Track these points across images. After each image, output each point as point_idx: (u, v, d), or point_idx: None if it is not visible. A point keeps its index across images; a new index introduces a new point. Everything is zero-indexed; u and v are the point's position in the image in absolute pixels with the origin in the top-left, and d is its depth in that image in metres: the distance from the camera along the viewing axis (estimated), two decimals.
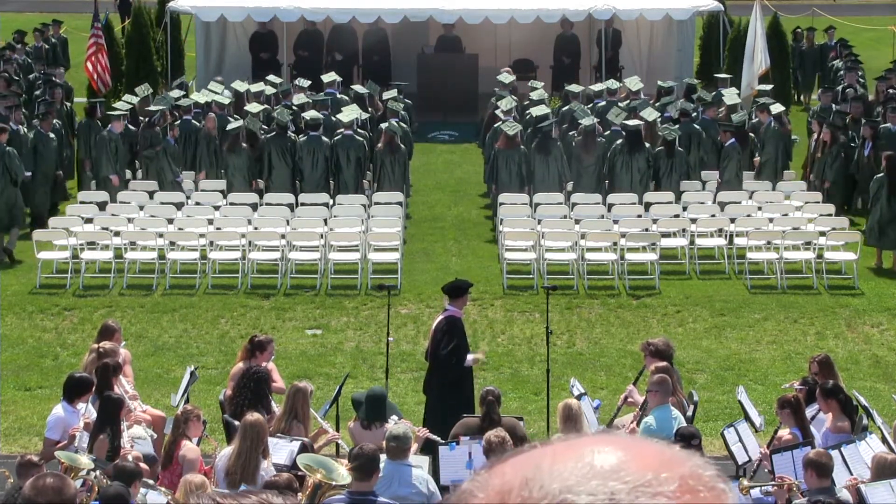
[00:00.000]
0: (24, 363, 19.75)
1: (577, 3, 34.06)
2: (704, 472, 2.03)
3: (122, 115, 26.65)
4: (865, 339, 20.97)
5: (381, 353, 18.82)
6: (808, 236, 23.84)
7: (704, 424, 16.80)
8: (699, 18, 35.87)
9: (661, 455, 2.04)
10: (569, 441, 2.06)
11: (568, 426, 14.38)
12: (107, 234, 23.51)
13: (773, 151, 26.78)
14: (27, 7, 50.02)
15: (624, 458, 2.01)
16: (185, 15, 35.30)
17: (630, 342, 20.63)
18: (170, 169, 25.88)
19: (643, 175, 25.65)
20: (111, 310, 21.75)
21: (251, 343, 16.04)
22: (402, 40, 36.03)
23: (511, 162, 25.73)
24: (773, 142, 26.85)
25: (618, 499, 1.95)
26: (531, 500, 1.97)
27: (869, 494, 12.20)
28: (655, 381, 14.61)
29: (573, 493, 1.96)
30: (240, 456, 12.92)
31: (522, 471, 2.02)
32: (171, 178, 25.85)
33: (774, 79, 31.93)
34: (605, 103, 28.56)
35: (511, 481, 2.01)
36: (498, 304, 22.25)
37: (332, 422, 15.72)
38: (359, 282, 23.16)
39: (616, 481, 1.97)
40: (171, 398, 16.39)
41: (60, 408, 14.50)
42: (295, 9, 33.96)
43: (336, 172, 25.90)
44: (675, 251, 24.25)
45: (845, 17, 46.57)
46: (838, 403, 14.53)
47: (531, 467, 2.02)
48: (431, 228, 26.54)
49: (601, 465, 1.99)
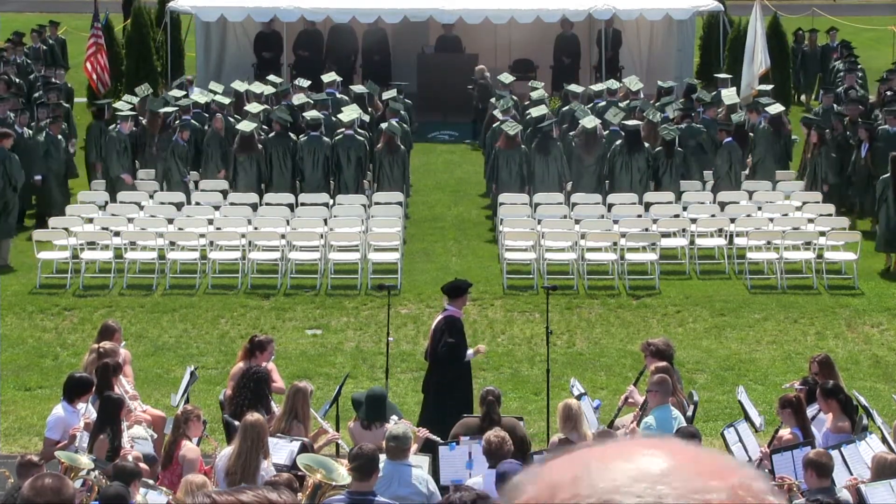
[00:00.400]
0: (24, 363, 19.75)
1: (577, 3, 34.05)
2: (756, 483, 2.03)
3: (129, 116, 26.62)
4: (865, 339, 20.97)
5: (381, 353, 18.82)
6: (808, 236, 23.85)
7: (704, 424, 16.80)
8: (699, 18, 35.87)
9: (714, 463, 2.04)
10: (621, 442, 2.09)
11: (568, 426, 14.38)
12: (107, 234, 23.51)
13: (764, 152, 26.75)
14: (27, 7, 50.02)
15: (675, 463, 2.02)
16: (185, 15, 35.30)
17: (630, 342, 20.63)
18: (177, 169, 25.89)
19: (643, 175, 25.66)
20: (111, 310, 21.75)
21: (251, 343, 16.04)
22: (402, 40, 36.03)
23: (511, 162, 25.73)
24: (764, 142, 26.82)
25: (664, 503, 1.96)
26: (578, 497, 1.99)
27: (869, 494, 12.20)
28: (655, 382, 14.61)
29: (620, 493, 1.98)
30: (240, 456, 12.93)
31: (573, 468, 2.04)
32: (178, 179, 25.86)
33: (774, 79, 31.93)
34: (605, 103, 28.56)
35: (561, 477, 2.03)
36: (498, 304, 22.24)
37: (331, 422, 15.72)
38: (359, 282, 23.16)
39: (664, 486, 1.98)
40: (171, 398, 16.39)
41: (60, 408, 14.50)
42: (295, 9, 33.96)
43: (336, 172, 25.90)
44: (675, 251, 24.25)
45: (845, 17, 46.56)
46: (838, 403, 14.53)
47: (582, 465, 2.04)
48: (431, 228, 26.54)
49: (651, 468, 2.00)
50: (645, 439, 2.07)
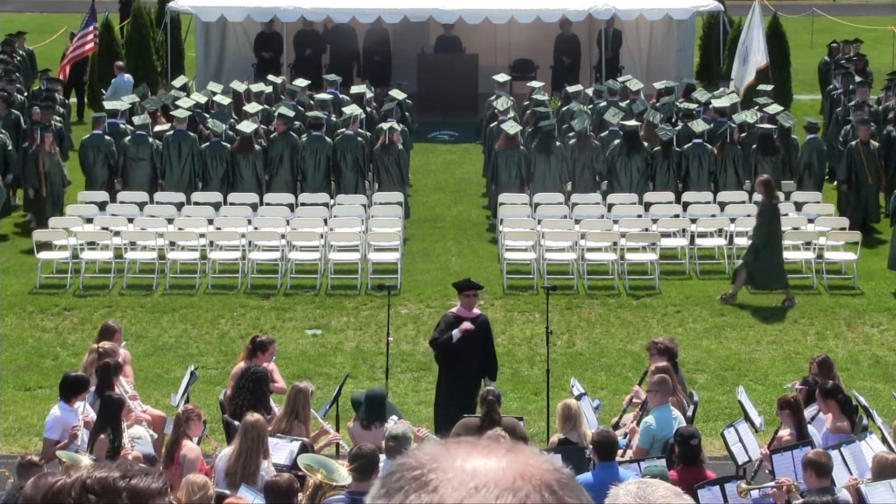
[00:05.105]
0: (24, 363, 19.75)
1: (577, 3, 34.05)
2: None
3: (182, 118, 26.32)
4: (865, 339, 20.98)
5: (381, 353, 18.83)
6: (808, 236, 23.85)
7: (704, 424, 16.81)
8: (699, 18, 35.86)
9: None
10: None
11: (567, 426, 14.41)
12: (107, 234, 23.51)
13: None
14: (27, 7, 50.02)
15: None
16: (185, 15, 35.29)
17: (630, 342, 20.65)
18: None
19: (642, 175, 25.67)
20: (111, 310, 21.75)
21: (253, 343, 16.05)
22: (402, 40, 36.03)
23: (511, 162, 25.75)
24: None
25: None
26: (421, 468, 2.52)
27: (869, 494, 12.21)
28: (656, 381, 14.63)
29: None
30: (240, 456, 12.94)
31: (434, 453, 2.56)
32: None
33: (775, 79, 31.92)
34: (606, 103, 28.57)
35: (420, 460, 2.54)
36: (498, 304, 22.25)
37: (331, 422, 15.74)
38: (359, 282, 23.17)
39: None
40: (171, 398, 16.41)
41: (58, 408, 14.52)
42: (295, 9, 33.95)
43: (337, 173, 25.92)
44: (675, 251, 24.26)
45: (845, 17, 46.56)
46: (837, 404, 14.55)
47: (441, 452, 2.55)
48: (431, 228, 26.54)
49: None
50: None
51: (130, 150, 25.83)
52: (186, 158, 25.76)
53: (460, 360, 16.53)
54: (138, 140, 25.85)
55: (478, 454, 2.50)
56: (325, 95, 29.04)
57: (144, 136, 25.87)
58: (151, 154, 25.81)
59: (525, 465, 2.49)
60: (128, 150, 25.83)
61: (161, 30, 35.15)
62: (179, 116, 26.25)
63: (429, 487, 2.45)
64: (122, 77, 31.99)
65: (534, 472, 2.48)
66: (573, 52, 35.71)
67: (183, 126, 26.07)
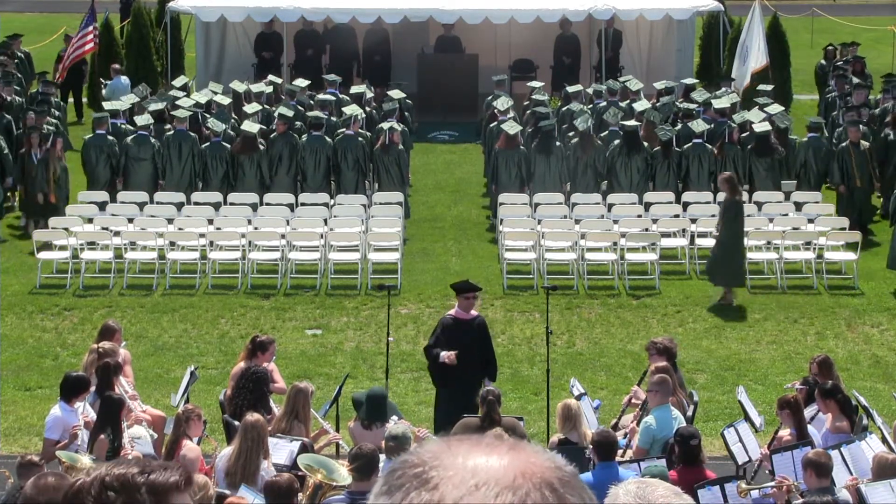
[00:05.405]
0: (24, 363, 19.75)
1: (577, 3, 34.04)
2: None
3: (183, 118, 26.32)
4: (865, 339, 20.98)
5: (381, 353, 18.83)
6: (808, 236, 23.85)
7: (704, 424, 16.81)
8: (699, 18, 35.85)
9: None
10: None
11: (567, 426, 14.41)
12: (107, 234, 23.51)
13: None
14: (27, 7, 50.02)
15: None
16: (185, 15, 35.29)
17: (630, 342, 20.65)
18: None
19: (642, 175, 25.67)
20: (111, 310, 21.75)
21: (253, 343, 16.05)
22: (402, 40, 36.04)
23: (511, 162, 25.75)
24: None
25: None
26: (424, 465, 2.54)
27: (869, 494, 12.21)
28: (655, 381, 14.63)
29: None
30: (240, 456, 12.94)
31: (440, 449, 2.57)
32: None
33: (775, 79, 31.93)
34: (606, 103, 28.57)
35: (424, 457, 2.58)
36: (498, 304, 22.25)
37: (331, 422, 15.74)
38: (359, 282, 23.17)
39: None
40: (171, 398, 16.41)
41: (58, 408, 14.51)
42: (295, 9, 33.95)
43: (337, 173, 25.92)
44: (675, 251, 24.26)
45: (845, 17, 46.56)
46: (837, 404, 14.56)
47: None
48: (431, 228, 26.54)
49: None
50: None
51: (132, 150, 25.85)
52: (187, 158, 25.79)
53: (459, 363, 16.50)
54: (140, 140, 25.89)
55: (480, 452, 2.50)
56: (325, 95, 29.05)
57: (146, 136, 25.90)
58: (153, 154, 25.84)
59: (526, 463, 2.48)
60: (130, 150, 25.86)
61: (161, 30, 35.16)
62: (179, 116, 26.26)
63: (430, 485, 2.46)
64: (119, 79, 32.01)
65: (535, 469, 2.47)
66: (573, 52, 35.71)
67: (183, 126, 26.08)
